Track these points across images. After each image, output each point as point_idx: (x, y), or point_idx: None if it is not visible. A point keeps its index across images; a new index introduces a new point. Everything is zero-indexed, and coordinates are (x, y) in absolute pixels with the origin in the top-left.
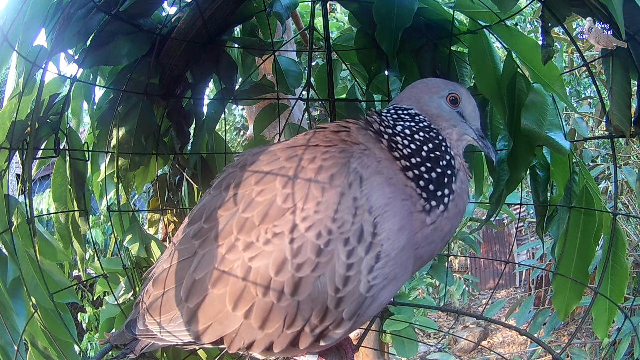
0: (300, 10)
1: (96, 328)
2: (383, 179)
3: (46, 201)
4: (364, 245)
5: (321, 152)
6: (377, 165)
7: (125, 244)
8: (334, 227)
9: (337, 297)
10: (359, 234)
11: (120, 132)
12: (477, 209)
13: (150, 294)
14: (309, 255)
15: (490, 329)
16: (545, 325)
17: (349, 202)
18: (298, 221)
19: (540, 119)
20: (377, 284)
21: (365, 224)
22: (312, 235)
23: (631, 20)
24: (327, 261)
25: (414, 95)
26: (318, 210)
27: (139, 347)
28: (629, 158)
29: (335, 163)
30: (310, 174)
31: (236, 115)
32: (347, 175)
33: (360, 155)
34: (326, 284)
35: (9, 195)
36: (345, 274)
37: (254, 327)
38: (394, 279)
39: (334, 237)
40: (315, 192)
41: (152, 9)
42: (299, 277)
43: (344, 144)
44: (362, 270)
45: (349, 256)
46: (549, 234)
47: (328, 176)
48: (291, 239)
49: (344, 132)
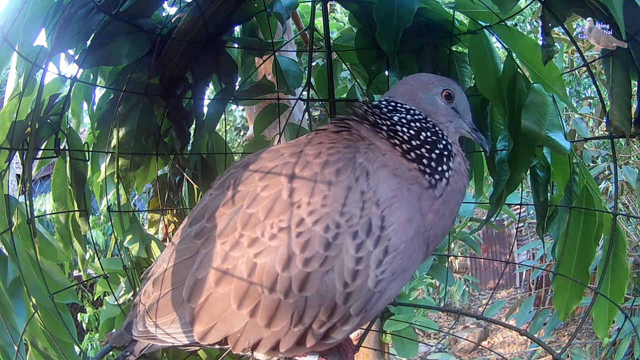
0: (300, 10)
1: (96, 328)
2: (389, 171)
3: (50, 202)
4: (372, 239)
5: (326, 148)
6: (382, 158)
7: (125, 244)
8: (341, 220)
9: (346, 292)
10: (367, 227)
11: (120, 132)
12: (477, 209)
13: (149, 295)
14: (316, 249)
15: (490, 329)
16: (545, 325)
17: (356, 195)
18: (304, 215)
19: (540, 119)
20: (385, 278)
21: (373, 217)
22: (320, 229)
23: (631, 20)
24: (335, 255)
25: (408, 91)
26: (325, 204)
27: (137, 348)
28: (629, 158)
29: (341, 158)
30: (316, 168)
31: (236, 116)
32: (353, 170)
33: (366, 150)
34: (334, 279)
35: (9, 195)
36: (354, 267)
37: (259, 325)
38: (402, 272)
39: (342, 231)
40: (322, 186)
41: (152, 9)
42: (306, 272)
43: (348, 140)
44: (370, 264)
45: (358, 249)
46: (549, 234)
47: (334, 170)
48: (298, 232)
49: (345, 130)
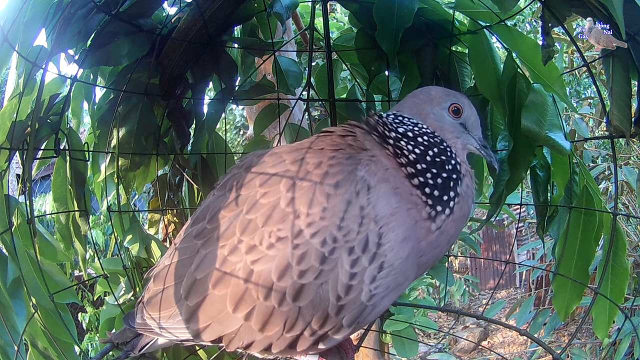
0: (300, 10)
1: (96, 328)
2: (389, 187)
3: (50, 202)
4: (368, 255)
5: (327, 157)
6: (384, 173)
7: (125, 244)
8: (339, 235)
9: (338, 305)
10: (363, 243)
11: (120, 132)
12: (477, 209)
13: (150, 290)
14: (312, 263)
15: (490, 329)
16: (545, 325)
17: (355, 210)
18: (303, 226)
19: (540, 119)
20: (378, 292)
21: (370, 234)
22: (317, 242)
23: (631, 20)
24: (330, 269)
25: (415, 105)
26: (324, 217)
27: (138, 345)
28: (629, 158)
29: (342, 170)
30: (316, 178)
31: (236, 115)
32: (353, 183)
33: (367, 163)
34: (328, 292)
35: (9, 195)
36: (348, 282)
37: (253, 328)
38: (395, 287)
39: (339, 245)
40: (320, 198)
41: (152, 9)
42: (301, 284)
43: (351, 149)
44: (364, 279)
45: (353, 265)
46: (549, 234)
47: (333, 182)
48: (295, 244)
49: (350, 136)
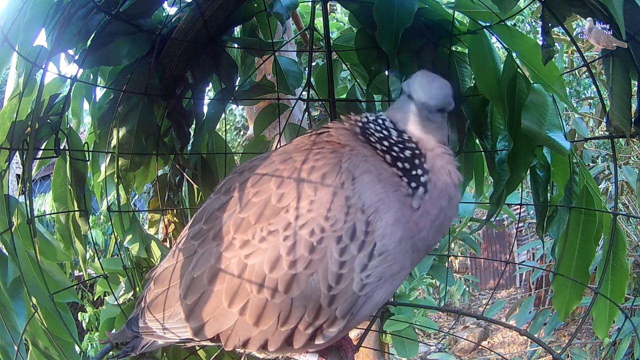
0: (300, 10)
1: (96, 328)
2: (373, 176)
3: (49, 202)
4: (356, 243)
5: (313, 153)
6: (365, 162)
7: (125, 244)
8: (326, 225)
9: (330, 295)
10: (351, 231)
11: (120, 132)
12: (477, 209)
13: (151, 292)
14: (302, 252)
15: (490, 329)
16: (545, 325)
17: (341, 200)
18: (292, 219)
19: (540, 119)
20: (370, 282)
21: (357, 222)
22: (305, 233)
23: (631, 20)
24: (319, 258)
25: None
26: (311, 209)
27: (139, 345)
28: (629, 158)
29: (327, 163)
30: (303, 174)
31: (236, 115)
32: (338, 175)
33: (349, 156)
34: (319, 282)
35: (9, 195)
36: (338, 271)
37: (248, 323)
38: (390, 277)
39: (327, 235)
40: (308, 192)
41: (152, 9)
42: (292, 274)
43: (331, 145)
44: (354, 267)
45: (342, 254)
46: (549, 234)
47: (320, 175)
48: (285, 236)
49: (325, 133)
